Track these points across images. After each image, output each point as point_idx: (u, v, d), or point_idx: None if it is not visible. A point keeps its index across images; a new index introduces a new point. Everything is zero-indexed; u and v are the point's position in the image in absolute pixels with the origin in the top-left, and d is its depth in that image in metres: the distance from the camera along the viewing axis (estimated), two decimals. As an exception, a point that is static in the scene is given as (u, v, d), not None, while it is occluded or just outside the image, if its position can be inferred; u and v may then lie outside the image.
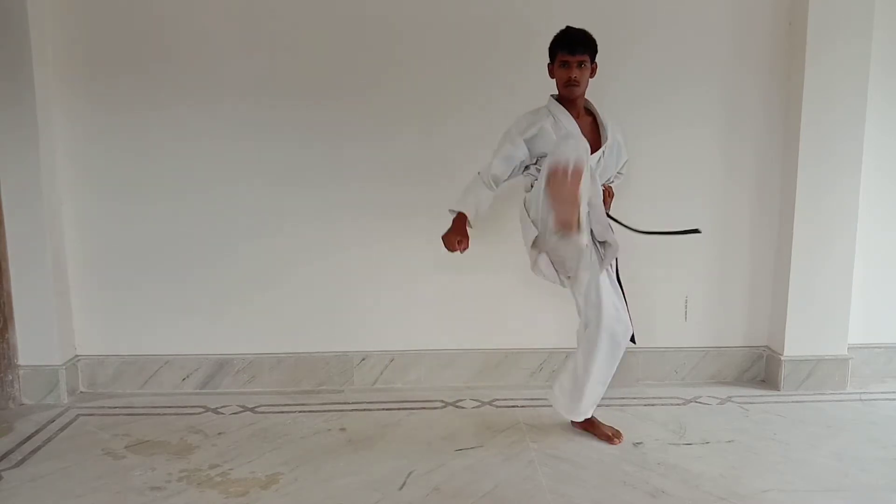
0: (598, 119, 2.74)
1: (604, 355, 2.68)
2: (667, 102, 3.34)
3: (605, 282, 2.67)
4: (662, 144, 3.37)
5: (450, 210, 2.68)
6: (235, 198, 3.32)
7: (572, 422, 2.92)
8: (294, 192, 3.33)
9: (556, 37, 2.64)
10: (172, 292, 3.37)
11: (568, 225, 2.40)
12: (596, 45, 2.63)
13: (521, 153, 2.65)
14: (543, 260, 2.70)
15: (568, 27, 2.63)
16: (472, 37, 3.25)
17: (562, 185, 2.38)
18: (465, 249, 2.61)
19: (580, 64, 2.59)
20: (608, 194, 2.85)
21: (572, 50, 2.57)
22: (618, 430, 2.85)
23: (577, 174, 2.36)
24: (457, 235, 2.61)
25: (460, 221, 2.64)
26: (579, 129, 2.62)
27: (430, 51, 3.26)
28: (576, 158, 2.37)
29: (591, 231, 2.63)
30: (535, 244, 2.66)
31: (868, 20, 3.19)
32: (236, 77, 3.24)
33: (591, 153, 2.58)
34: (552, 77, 2.68)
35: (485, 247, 2.84)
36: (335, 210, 3.35)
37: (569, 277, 2.73)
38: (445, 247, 2.62)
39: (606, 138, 2.70)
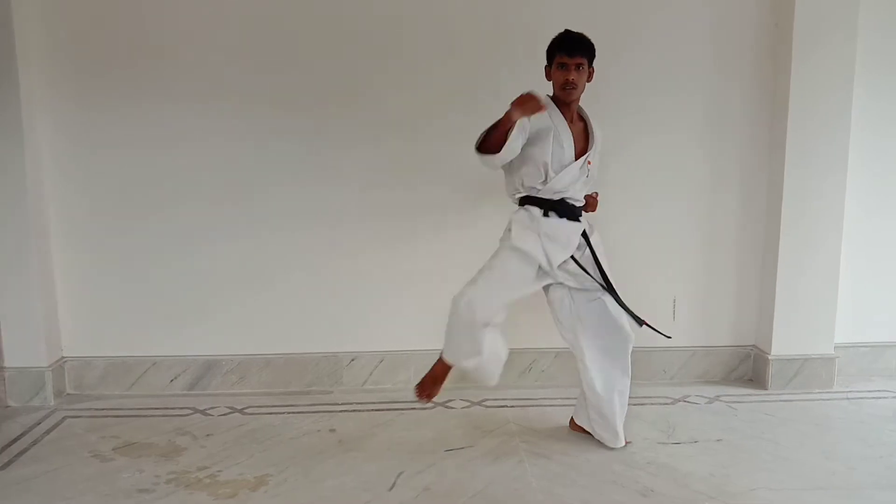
0: (588, 125, 2.73)
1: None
2: (653, 105, 3.36)
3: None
4: (649, 147, 3.39)
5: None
6: (224, 199, 3.31)
7: (571, 422, 2.93)
8: (283, 193, 3.32)
9: (554, 39, 2.62)
10: (160, 293, 3.35)
11: (523, 101, 2.34)
12: (594, 50, 2.61)
13: (525, 133, 2.56)
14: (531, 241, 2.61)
15: (567, 30, 2.61)
16: (462, 43, 3.26)
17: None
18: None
19: (578, 66, 2.57)
20: (591, 205, 2.82)
21: (571, 52, 2.56)
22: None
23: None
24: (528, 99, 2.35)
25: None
26: (571, 135, 2.62)
27: (422, 57, 3.27)
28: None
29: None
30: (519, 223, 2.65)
31: (853, 21, 3.22)
32: (225, 78, 3.23)
33: (577, 158, 2.62)
34: (549, 79, 2.66)
35: (472, 249, 2.82)
36: (325, 212, 3.34)
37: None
38: (525, 108, 2.36)
39: (594, 143, 2.69)
